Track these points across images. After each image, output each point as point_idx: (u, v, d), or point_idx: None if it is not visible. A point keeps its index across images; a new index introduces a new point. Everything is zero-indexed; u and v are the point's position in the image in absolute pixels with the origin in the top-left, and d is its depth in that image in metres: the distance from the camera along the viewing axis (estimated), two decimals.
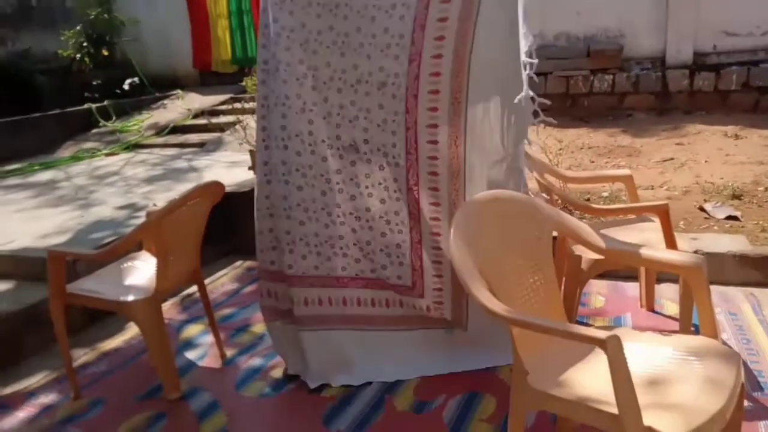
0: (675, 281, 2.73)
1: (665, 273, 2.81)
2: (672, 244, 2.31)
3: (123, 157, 6.27)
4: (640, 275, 2.88)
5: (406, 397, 2.31)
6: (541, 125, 2.08)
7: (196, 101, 7.77)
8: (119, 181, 5.18)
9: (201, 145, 6.37)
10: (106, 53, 8.40)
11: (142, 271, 2.58)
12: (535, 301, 1.77)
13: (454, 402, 2.24)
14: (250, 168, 4.44)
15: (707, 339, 1.66)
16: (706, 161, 4.82)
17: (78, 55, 8.31)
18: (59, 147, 6.82)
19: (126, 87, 8.30)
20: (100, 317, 3.07)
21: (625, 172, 3.07)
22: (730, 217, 3.55)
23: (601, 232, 1.89)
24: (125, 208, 4.17)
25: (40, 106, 7.46)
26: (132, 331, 2.97)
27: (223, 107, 7.24)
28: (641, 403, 1.32)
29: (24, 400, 2.49)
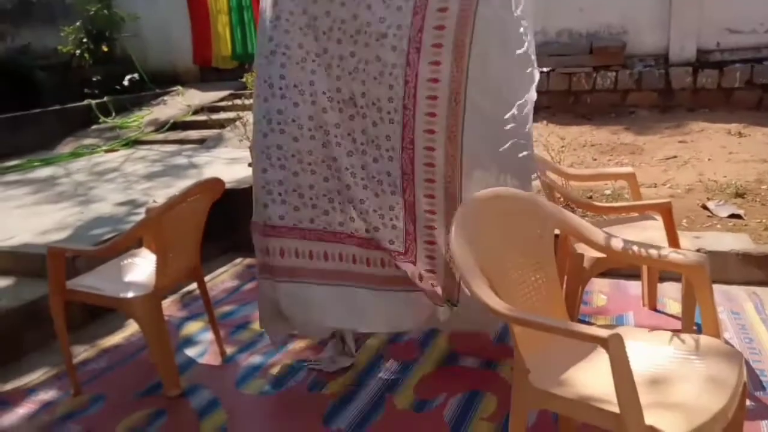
0: (677, 280, 2.72)
1: (668, 271, 2.80)
2: (675, 243, 2.30)
3: (123, 153, 6.26)
4: (643, 274, 2.87)
5: (407, 395, 2.30)
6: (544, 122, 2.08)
7: (196, 97, 7.76)
8: (119, 177, 5.17)
9: (201, 141, 6.36)
10: (105, 49, 8.38)
11: (142, 267, 2.57)
12: (537, 300, 1.76)
13: (454, 400, 2.23)
14: (250, 165, 4.42)
15: (709, 338, 1.65)
16: (710, 159, 4.81)
17: (78, 51, 8.29)
18: (59, 143, 6.81)
19: (126, 83, 8.27)
20: (100, 314, 3.06)
21: (627, 169, 3.06)
22: (733, 216, 3.53)
23: (604, 230, 1.88)
24: (125, 205, 4.16)
25: (39, 102, 7.44)
26: (132, 327, 2.96)
27: (223, 103, 7.22)
28: (643, 402, 1.31)
29: (24, 396, 2.49)
